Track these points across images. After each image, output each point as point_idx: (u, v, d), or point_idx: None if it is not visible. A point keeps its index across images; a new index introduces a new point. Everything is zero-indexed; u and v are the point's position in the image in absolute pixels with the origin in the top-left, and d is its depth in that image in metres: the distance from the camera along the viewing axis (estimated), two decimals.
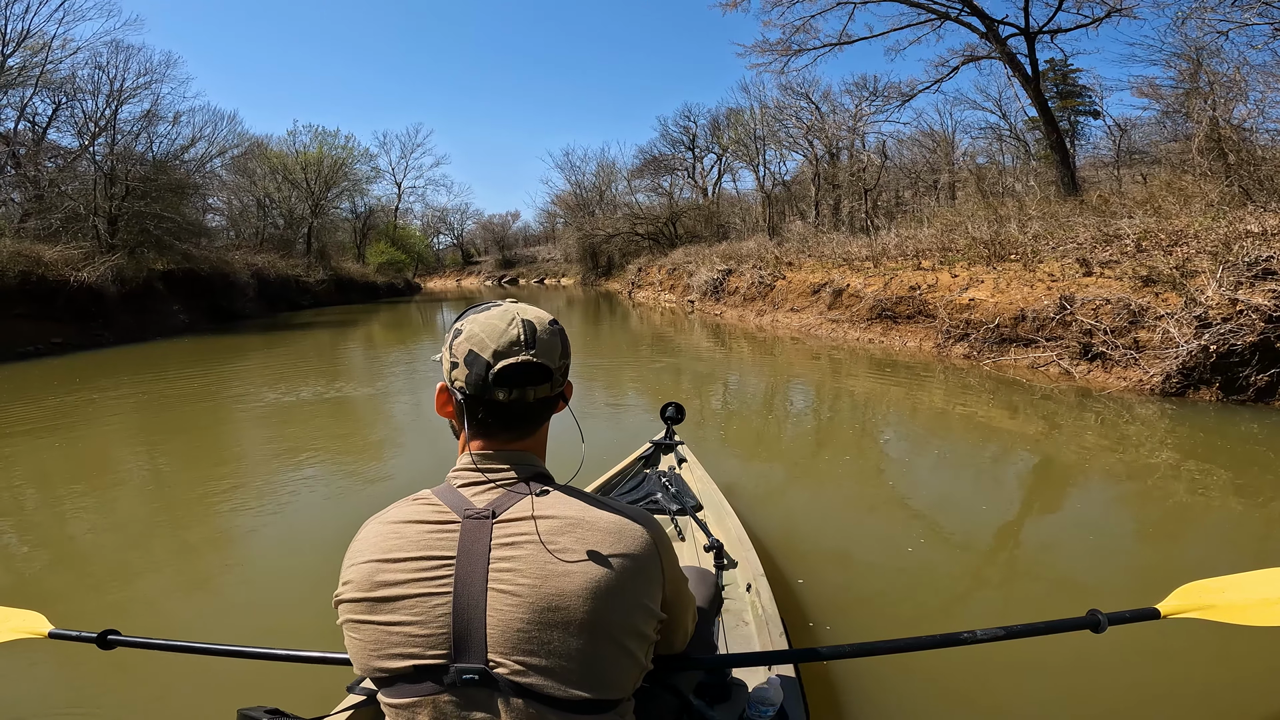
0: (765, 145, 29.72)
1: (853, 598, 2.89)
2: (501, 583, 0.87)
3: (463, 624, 0.85)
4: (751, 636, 1.92)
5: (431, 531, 0.91)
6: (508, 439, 1.00)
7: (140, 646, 1.31)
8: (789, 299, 13.38)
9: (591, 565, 0.88)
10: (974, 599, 3.03)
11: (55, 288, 14.40)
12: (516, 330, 0.95)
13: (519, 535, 0.89)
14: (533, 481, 0.97)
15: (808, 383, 8.47)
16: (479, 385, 0.95)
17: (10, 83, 19.20)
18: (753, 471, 4.96)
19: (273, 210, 33.42)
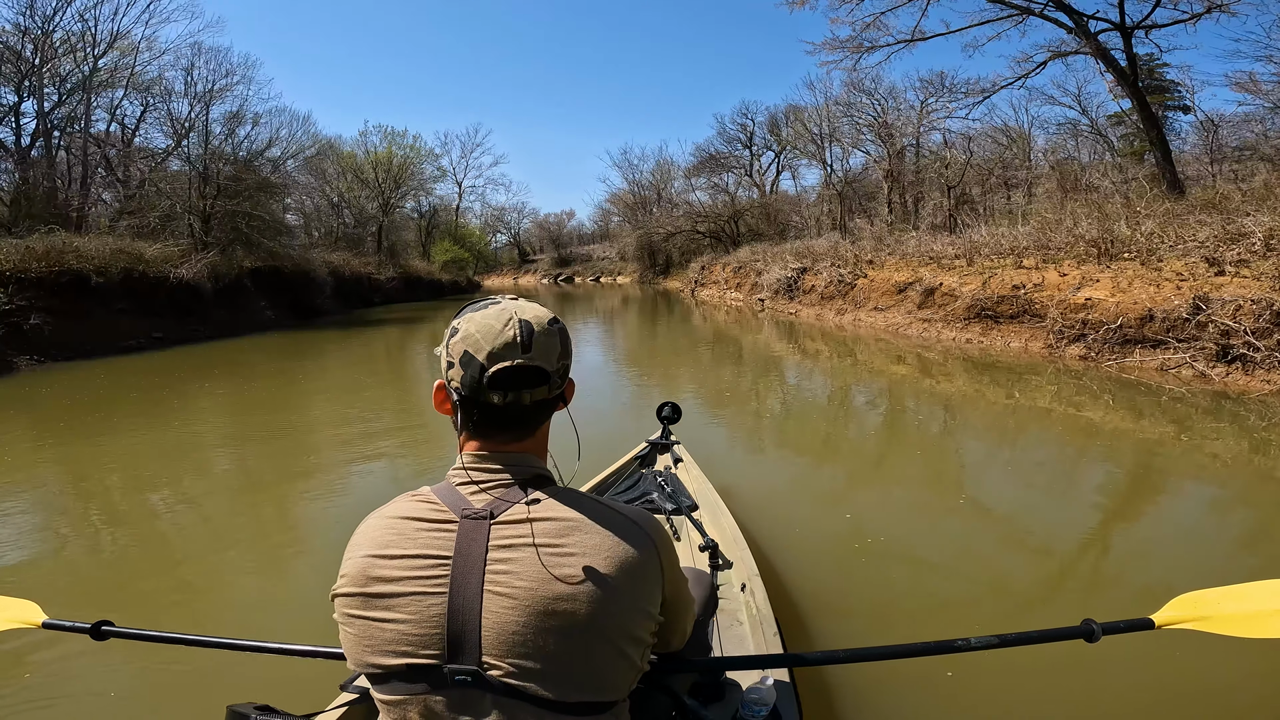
0: (830, 142, 29.21)
1: (853, 602, 2.88)
2: (498, 585, 0.85)
3: (457, 625, 0.84)
4: (745, 637, 1.91)
5: (429, 530, 0.90)
6: (505, 440, 0.97)
7: (133, 638, 1.30)
8: (872, 298, 13.09)
9: (589, 568, 0.87)
10: (996, 604, 2.94)
11: (155, 284, 15.10)
12: (513, 331, 0.92)
13: (516, 537, 0.88)
14: (531, 484, 0.95)
15: (885, 384, 8.26)
16: (474, 387, 0.92)
17: (102, 83, 20.26)
18: (800, 470, 4.93)
19: (344, 209, 34.50)
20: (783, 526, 3.76)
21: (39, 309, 11.72)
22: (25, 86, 18.60)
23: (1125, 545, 3.61)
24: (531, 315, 0.96)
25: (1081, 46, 17.11)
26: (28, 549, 3.77)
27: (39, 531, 4.07)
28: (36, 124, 19.09)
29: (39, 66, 18.59)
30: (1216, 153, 23.02)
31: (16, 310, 11.20)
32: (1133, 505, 4.23)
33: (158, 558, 3.65)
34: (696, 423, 6.64)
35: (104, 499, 4.75)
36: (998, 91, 19.29)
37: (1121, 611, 2.61)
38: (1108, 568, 3.35)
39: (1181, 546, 3.47)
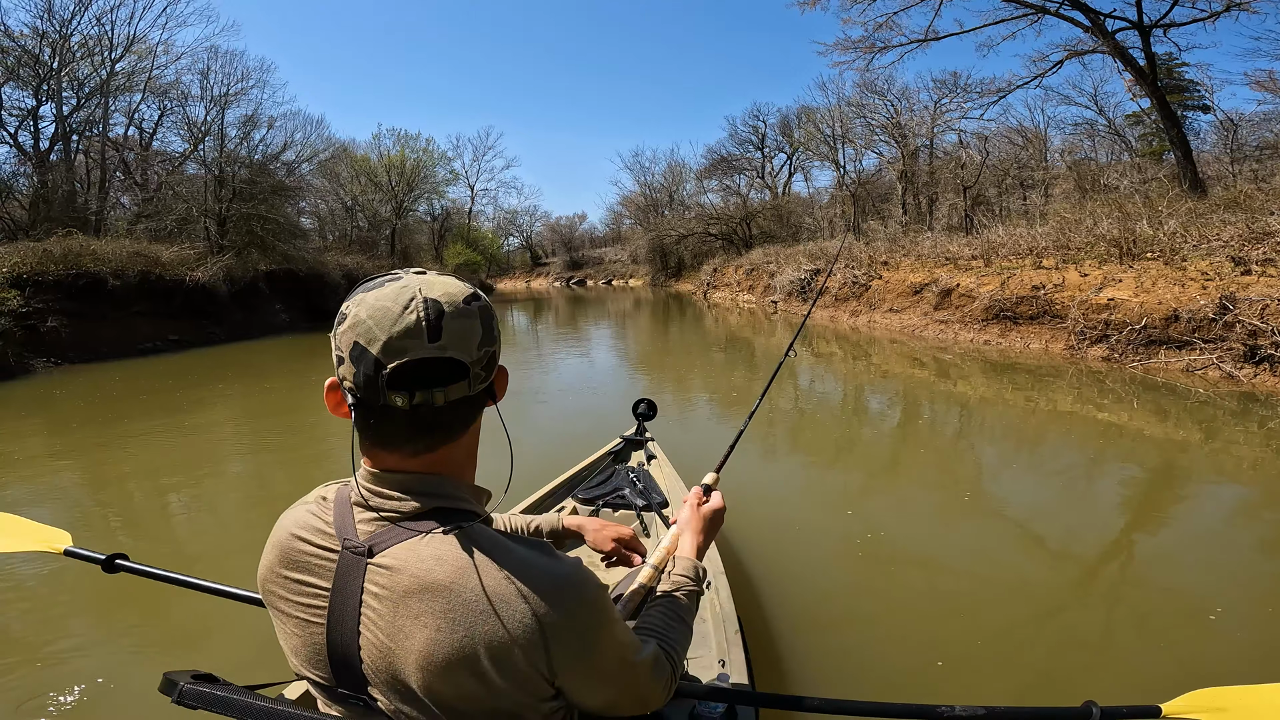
0: (843, 143, 29.06)
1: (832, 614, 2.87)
2: (369, 629, 0.76)
3: (338, 656, 0.78)
4: (708, 634, 1.92)
5: (313, 555, 0.80)
6: (410, 453, 0.79)
7: (142, 574, 1.35)
8: (887, 299, 12.95)
9: (438, 643, 0.73)
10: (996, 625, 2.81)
11: (172, 287, 15.22)
12: (415, 314, 0.73)
13: (382, 587, 0.75)
14: (430, 517, 0.78)
15: (899, 385, 8.15)
16: (369, 387, 0.74)
17: (120, 87, 20.47)
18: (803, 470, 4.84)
19: (358, 213, 34.72)
20: (780, 527, 3.74)
21: (56, 311, 11.84)
22: (44, 90, 18.85)
23: (1146, 552, 3.50)
24: (441, 292, 0.76)
25: (1099, 45, 16.91)
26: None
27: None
28: (55, 128, 19.34)
29: (57, 70, 18.83)
30: (1236, 152, 22.70)
31: (34, 313, 11.31)
32: (1155, 511, 4.11)
33: (169, 559, 3.64)
34: (707, 424, 6.68)
35: (119, 501, 4.75)
36: (1013, 91, 19.13)
37: (1139, 631, 2.63)
38: (1130, 575, 3.26)
39: (1207, 555, 3.35)
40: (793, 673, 2.39)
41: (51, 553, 1.46)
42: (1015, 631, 2.68)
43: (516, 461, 0.98)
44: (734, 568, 2.92)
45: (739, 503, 4.22)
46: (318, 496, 0.85)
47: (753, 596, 2.87)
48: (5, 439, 6.54)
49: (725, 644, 1.83)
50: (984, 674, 2.42)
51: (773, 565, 3.21)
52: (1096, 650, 2.53)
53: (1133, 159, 22.82)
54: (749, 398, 7.83)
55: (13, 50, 18.28)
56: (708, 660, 1.80)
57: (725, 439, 1.91)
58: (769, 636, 2.60)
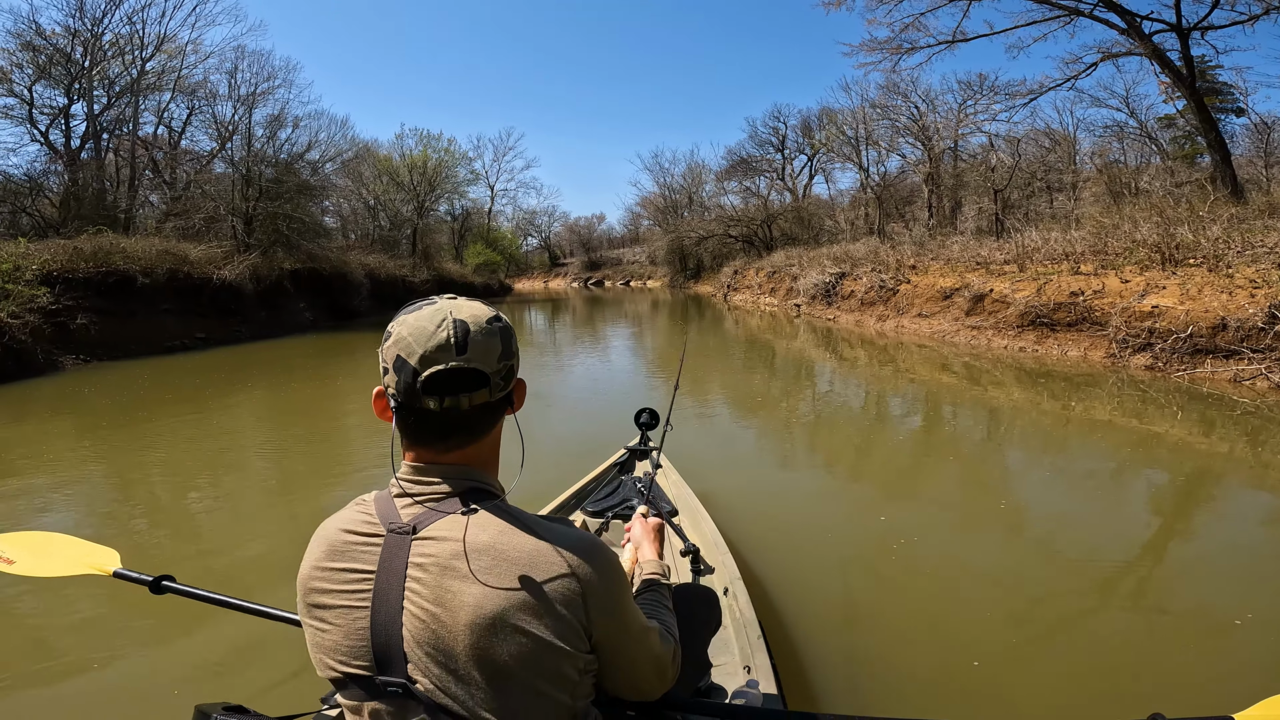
0: (867, 145, 28.76)
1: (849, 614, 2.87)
2: (414, 602, 0.84)
3: (381, 640, 0.84)
4: (730, 641, 1.93)
5: (358, 543, 0.89)
6: (444, 449, 0.93)
7: (189, 596, 1.37)
8: (915, 304, 12.74)
9: (488, 596, 0.82)
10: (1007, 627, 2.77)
11: (199, 285, 15.35)
12: (446, 332, 0.87)
13: (429, 556, 0.85)
14: (465, 498, 0.90)
15: (925, 391, 8.03)
16: (408, 393, 0.88)
17: (150, 86, 20.72)
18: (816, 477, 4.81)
19: (380, 212, 34.94)
20: (807, 533, 3.72)
21: (86, 309, 11.96)
22: (75, 89, 19.12)
23: (1184, 562, 3.39)
24: (469, 314, 0.91)
25: (1134, 48, 16.56)
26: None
27: (80, 528, 4.04)
28: (86, 126, 19.61)
29: (88, 69, 19.08)
30: (1271, 156, 22.17)
31: (64, 310, 11.42)
32: (1198, 525, 3.98)
33: (192, 553, 3.63)
34: (726, 428, 6.62)
35: (144, 497, 4.74)
36: (1045, 93, 18.78)
37: (1182, 650, 2.53)
38: (1167, 585, 3.16)
39: (1254, 572, 3.20)
40: (821, 677, 2.36)
41: (101, 575, 1.48)
42: (1054, 636, 2.65)
43: (533, 466, 1.14)
44: (758, 574, 2.98)
45: (763, 508, 4.22)
46: (357, 499, 0.95)
47: (779, 602, 2.83)
48: (36, 439, 6.57)
49: (749, 649, 1.83)
50: (1021, 676, 2.38)
51: (801, 570, 3.17)
52: (1136, 656, 2.50)
53: (1164, 162, 22.34)
54: (770, 403, 7.76)
55: (45, 49, 18.56)
56: (732, 667, 1.79)
57: (745, 442, 1.84)
58: (799, 642, 2.56)
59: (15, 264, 11.16)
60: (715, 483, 4.35)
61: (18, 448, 6.12)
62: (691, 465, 3.63)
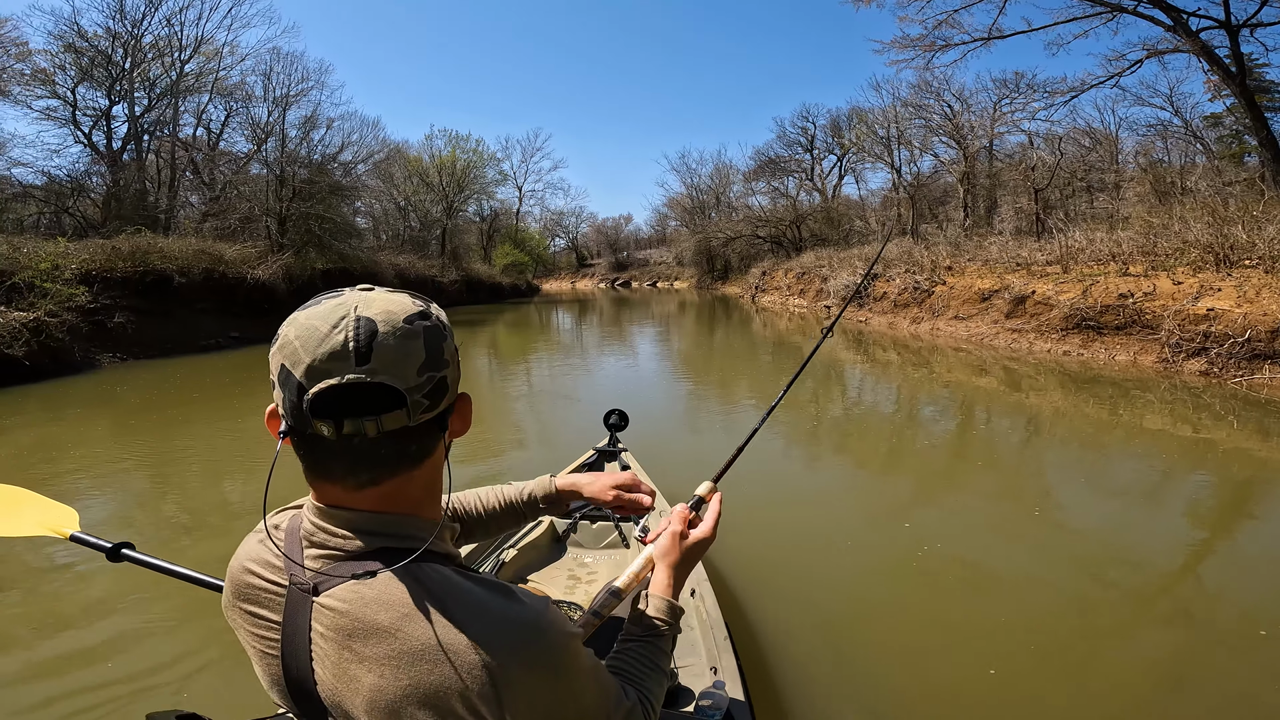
0: (898, 145, 28.25)
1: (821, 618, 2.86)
2: (320, 667, 0.71)
3: (296, 690, 0.73)
4: (696, 641, 1.94)
5: (262, 589, 0.76)
6: (353, 487, 0.71)
7: (147, 566, 1.32)
8: (952, 306, 12.40)
9: (383, 691, 0.67)
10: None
11: (234, 285, 15.57)
12: (343, 334, 0.66)
13: (328, 628, 0.71)
14: (376, 557, 0.71)
15: (961, 396, 7.80)
16: (295, 415, 0.68)
17: (189, 88, 21.15)
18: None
19: (411, 213, 35.31)
20: (825, 538, 3.69)
21: (123, 308, 12.18)
22: (116, 90, 19.58)
23: (1235, 580, 3.18)
24: (379, 310, 0.69)
25: (1180, 45, 16.00)
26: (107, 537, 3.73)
27: (115, 522, 4.08)
28: (127, 128, 20.07)
29: (129, 70, 19.52)
30: None
31: (101, 309, 11.62)
32: (1248, 536, 3.77)
33: (227, 548, 3.56)
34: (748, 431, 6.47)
35: (178, 492, 4.74)
36: (1086, 90, 18.24)
37: (1226, 664, 2.43)
38: (1206, 600, 3.02)
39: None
40: (788, 679, 2.39)
41: (57, 538, 1.42)
42: (1078, 646, 2.60)
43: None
44: (768, 579, 3.05)
45: (779, 509, 4.18)
46: (271, 526, 0.80)
47: (785, 608, 2.85)
48: (72, 441, 6.63)
49: (716, 650, 1.82)
50: (1039, 686, 2.35)
51: (817, 575, 3.17)
52: (1166, 672, 2.44)
53: (1210, 162, 21.55)
54: (798, 405, 7.58)
55: (86, 51, 19.02)
56: (699, 668, 1.80)
57: (763, 446, 1.69)
58: (797, 646, 2.58)
59: (54, 263, 11.39)
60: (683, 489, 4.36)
61: (54, 445, 6.19)
62: (701, 470, 3.50)
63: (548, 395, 8.99)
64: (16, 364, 9.12)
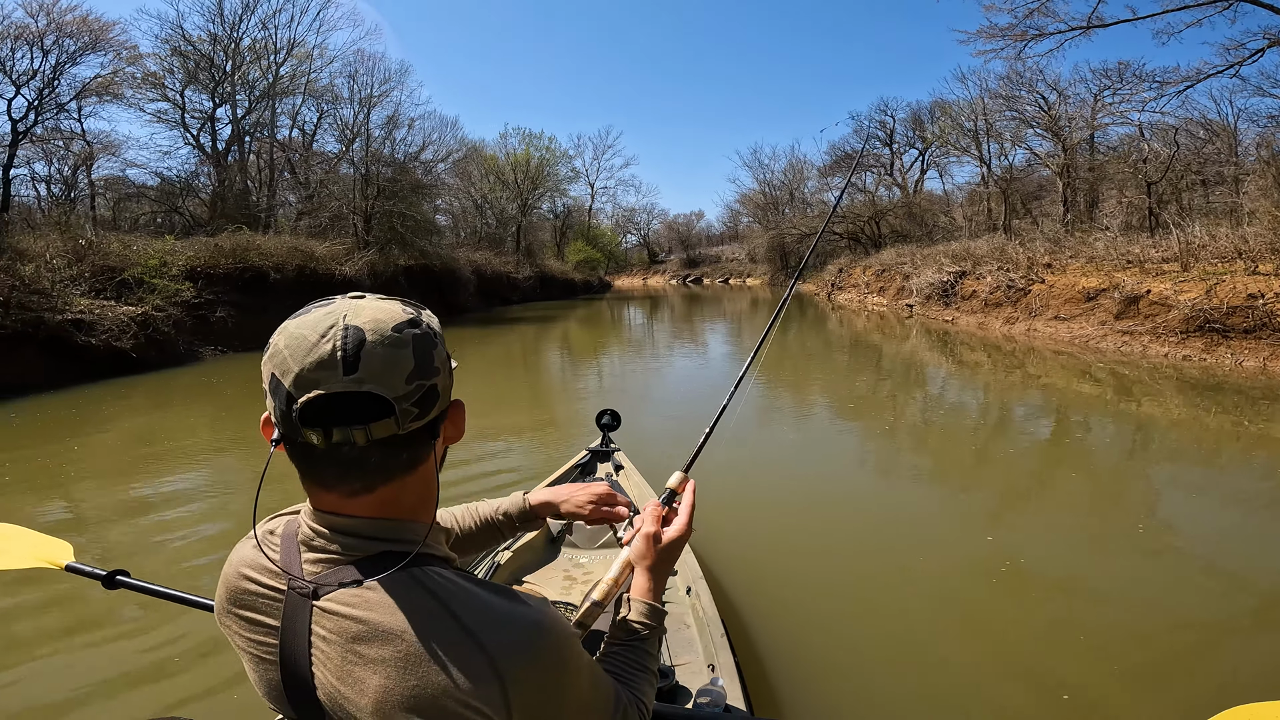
0: (988, 138, 26.78)
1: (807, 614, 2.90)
2: (321, 671, 0.71)
3: (295, 694, 0.73)
4: (694, 639, 1.95)
5: (259, 594, 0.76)
6: (347, 494, 0.72)
7: (143, 591, 1.33)
8: (1051, 305, 11.61)
9: (391, 692, 0.68)
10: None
11: (324, 280, 16.24)
12: (331, 344, 0.66)
13: (330, 632, 0.71)
14: (374, 562, 0.72)
15: (1059, 401, 7.33)
16: (285, 423, 0.68)
17: (284, 91, 22.23)
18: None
19: (487, 210, 36.14)
20: (898, 547, 3.58)
21: (224, 302, 12.88)
22: (219, 93, 20.79)
23: None
24: (369, 319, 0.69)
25: None
26: (214, 525, 3.89)
27: (212, 506, 4.22)
28: (231, 129, 21.30)
29: (230, 73, 20.69)
30: None
31: (204, 304, 12.31)
32: None
33: None
34: (824, 430, 6.44)
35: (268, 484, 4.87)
36: (1202, 80, 16.70)
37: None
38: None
39: None
40: (786, 676, 2.41)
41: (52, 569, 1.42)
42: (1183, 663, 2.50)
43: None
44: (770, 579, 3.12)
45: (860, 518, 4.05)
46: (264, 531, 0.81)
47: (788, 608, 2.90)
48: (177, 431, 6.97)
49: (713, 648, 1.83)
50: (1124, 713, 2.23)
51: (888, 588, 3.11)
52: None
53: None
54: (872, 407, 7.32)
55: (192, 55, 20.26)
56: (696, 665, 1.82)
57: (847, 446, 1.53)
58: (796, 645, 2.61)
59: (162, 260, 12.14)
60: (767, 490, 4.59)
61: (157, 433, 6.54)
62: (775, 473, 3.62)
63: (616, 394, 8.95)
64: (125, 356, 9.74)
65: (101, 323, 9.67)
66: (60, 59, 17.20)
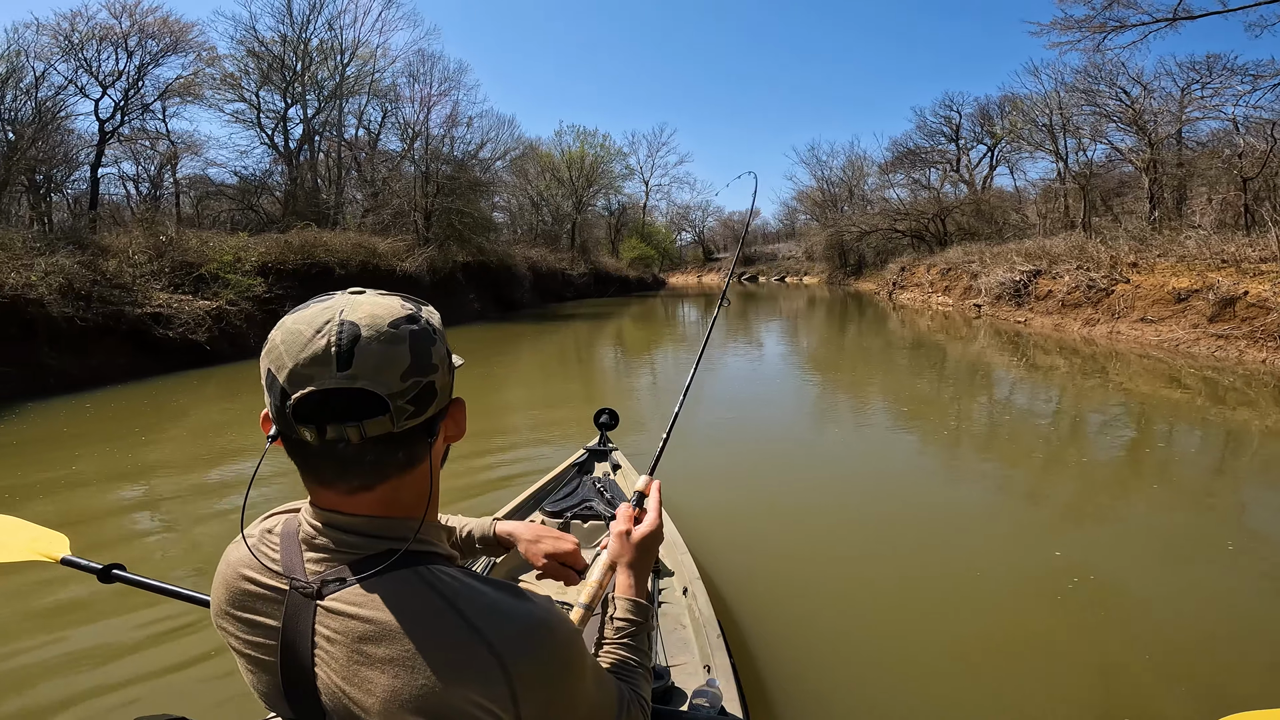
0: (1064, 133, 25.43)
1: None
2: (325, 673, 0.71)
3: (296, 696, 0.73)
4: (690, 640, 1.96)
5: (259, 595, 0.75)
6: (346, 492, 0.71)
7: (139, 585, 1.32)
8: (1137, 307, 10.92)
9: (399, 691, 0.67)
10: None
11: (385, 277, 16.63)
12: (326, 340, 0.66)
13: (335, 631, 0.70)
14: (377, 560, 0.71)
15: (1141, 408, 6.93)
16: (280, 419, 0.69)
17: (350, 91, 22.89)
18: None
19: (543, 207, 36.50)
20: (961, 558, 3.41)
21: (293, 297, 13.28)
22: (291, 93, 21.54)
23: None
24: (365, 314, 0.68)
25: None
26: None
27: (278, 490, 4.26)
28: (302, 129, 22.06)
29: (301, 73, 21.42)
30: None
31: (275, 299, 12.74)
32: None
33: None
34: (884, 434, 6.23)
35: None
36: None
37: None
38: None
39: None
40: (783, 678, 2.43)
41: (48, 562, 1.41)
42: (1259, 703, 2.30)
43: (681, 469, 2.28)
44: (772, 578, 3.17)
45: (911, 525, 3.90)
46: (263, 530, 0.79)
47: (793, 608, 2.93)
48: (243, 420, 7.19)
49: (709, 649, 1.84)
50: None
51: (894, 595, 3.08)
52: None
53: None
54: (934, 410, 7.03)
55: (265, 56, 21.04)
56: (692, 666, 1.83)
57: (905, 449, 1.40)
58: (793, 646, 2.63)
59: (235, 255, 12.62)
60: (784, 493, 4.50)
61: (228, 424, 6.75)
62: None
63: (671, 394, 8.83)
64: (199, 349, 10.14)
65: (178, 316, 10.10)
66: (144, 60, 18.11)
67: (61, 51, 16.62)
